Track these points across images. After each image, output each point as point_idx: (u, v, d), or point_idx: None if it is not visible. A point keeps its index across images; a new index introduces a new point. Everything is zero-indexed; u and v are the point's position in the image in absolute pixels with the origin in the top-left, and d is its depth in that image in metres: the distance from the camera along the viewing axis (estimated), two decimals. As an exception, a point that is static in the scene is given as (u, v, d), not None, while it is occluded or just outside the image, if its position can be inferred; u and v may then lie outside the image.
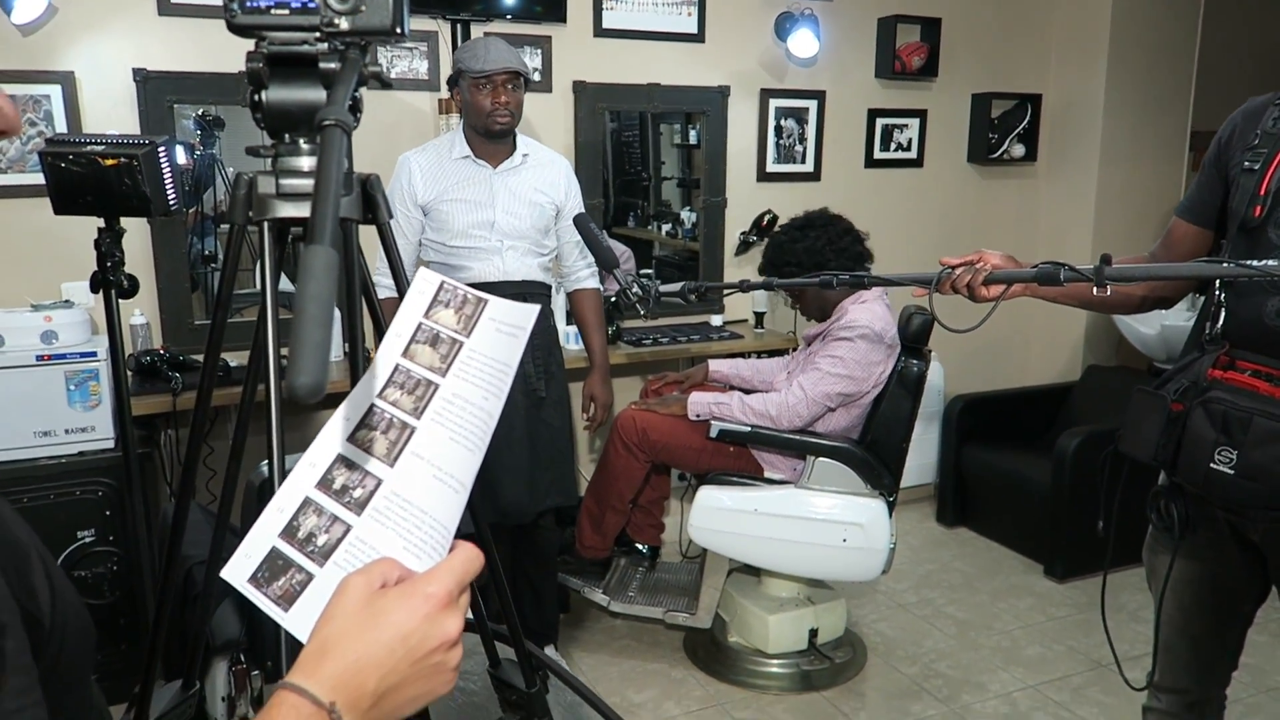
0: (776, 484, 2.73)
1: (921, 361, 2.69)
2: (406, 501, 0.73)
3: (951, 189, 4.15)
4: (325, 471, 0.75)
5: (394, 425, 0.75)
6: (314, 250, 0.72)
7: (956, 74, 4.02)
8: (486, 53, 2.40)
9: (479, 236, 2.49)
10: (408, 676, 0.65)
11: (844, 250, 2.73)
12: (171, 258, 2.95)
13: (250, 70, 0.95)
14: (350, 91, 0.89)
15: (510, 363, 0.80)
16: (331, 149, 0.80)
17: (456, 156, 2.51)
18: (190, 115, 3.01)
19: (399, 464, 0.74)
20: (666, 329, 3.55)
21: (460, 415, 0.76)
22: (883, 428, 2.69)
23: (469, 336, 0.80)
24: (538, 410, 2.57)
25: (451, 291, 0.82)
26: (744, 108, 3.68)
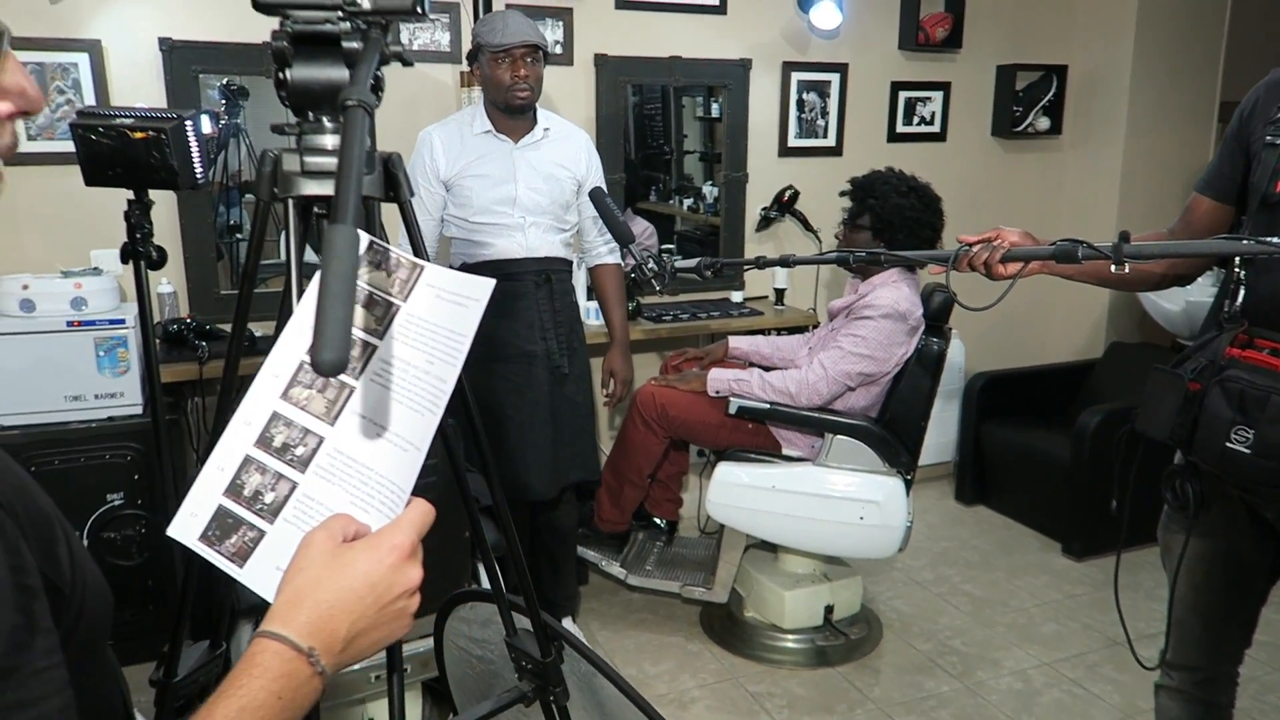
0: (794, 461, 2.74)
1: (942, 340, 2.69)
2: (351, 459, 0.75)
3: (975, 163, 4.12)
4: (263, 429, 0.77)
5: (330, 384, 0.77)
6: (337, 229, 0.75)
7: (981, 45, 3.98)
8: (505, 26, 2.40)
9: (501, 212, 2.50)
10: (375, 621, 0.71)
11: (919, 235, 2.68)
12: (198, 228, 2.99)
13: (274, 49, 0.97)
14: (372, 71, 0.90)
15: (462, 331, 0.81)
16: (354, 129, 0.82)
17: (478, 131, 2.51)
18: (215, 85, 3.04)
19: (339, 422, 0.76)
20: (686, 305, 3.56)
21: (403, 377, 0.77)
22: (902, 406, 2.70)
23: (405, 300, 0.81)
24: (560, 386, 2.59)
25: (381, 253, 0.82)
26: (765, 81, 3.66)
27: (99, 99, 2.79)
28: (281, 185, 0.99)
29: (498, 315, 2.53)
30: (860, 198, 2.72)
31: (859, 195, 2.73)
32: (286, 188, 0.98)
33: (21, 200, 2.79)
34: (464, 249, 2.56)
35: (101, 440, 2.53)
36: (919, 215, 2.68)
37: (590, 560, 2.97)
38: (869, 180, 2.73)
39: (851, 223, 2.73)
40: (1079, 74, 4.13)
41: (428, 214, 2.53)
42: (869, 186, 2.71)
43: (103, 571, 0.74)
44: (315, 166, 0.97)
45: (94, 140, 1.45)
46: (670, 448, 2.92)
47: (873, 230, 2.69)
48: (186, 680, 1.19)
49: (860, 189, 2.73)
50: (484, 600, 1.45)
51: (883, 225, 2.67)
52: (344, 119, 0.83)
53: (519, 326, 2.53)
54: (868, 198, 2.69)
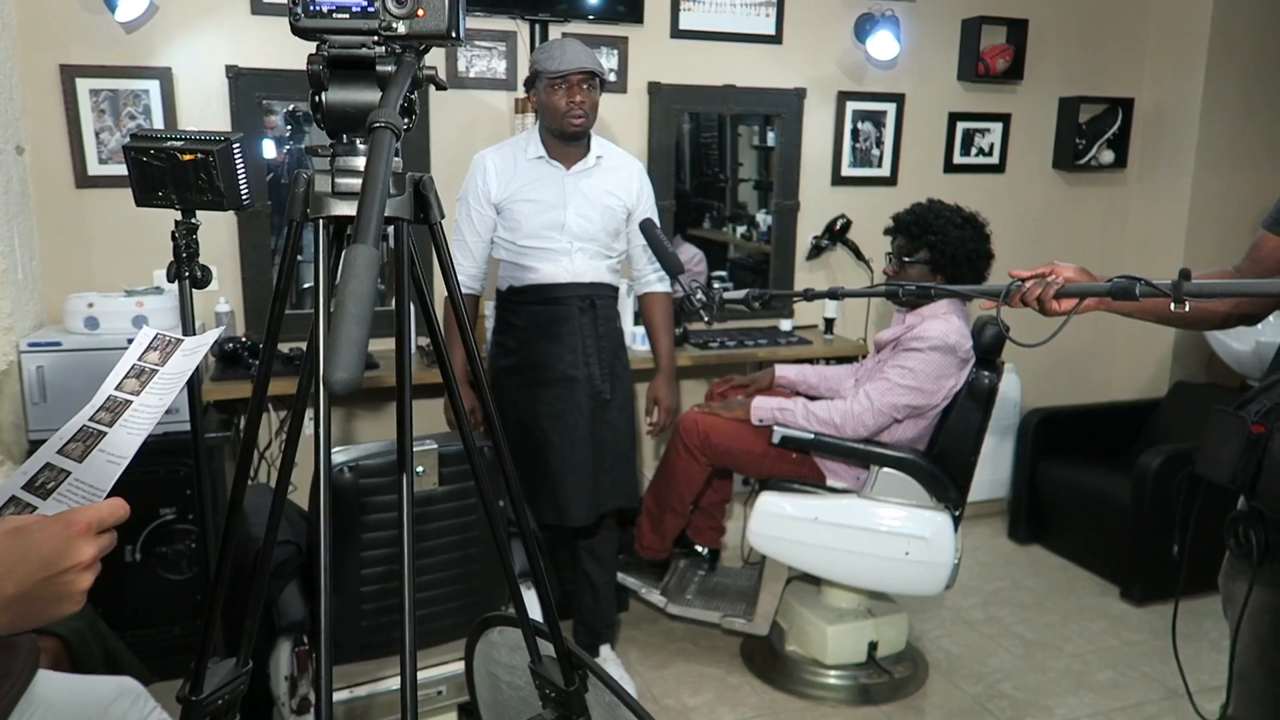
0: (839, 493, 2.69)
1: (994, 374, 2.62)
2: (81, 483, 0.92)
3: (1035, 196, 4.03)
4: (32, 476, 0.94)
5: (92, 435, 0.96)
6: (357, 249, 0.75)
7: (1043, 77, 3.90)
8: (563, 54, 2.42)
9: (549, 237, 2.51)
10: (42, 591, 0.78)
11: (978, 266, 2.65)
12: (256, 248, 3.06)
13: (311, 72, 0.98)
14: (403, 94, 0.91)
15: (183, 370, 1.03)
16: (380, 151, 0.82)
17: (531, 157, 2.53)
18: (280, 110, 3.11)
19: (86, 461, 0.94)
20: (734, 333, 3.53)
21: (137, 414, 0.98)
22: (951, 440, 2.63)
23: (164, 365, 1.04)
24: (602, 412, 2.58)
25: (161, 340, 1.07)
26: (820, 110, 3.63)
27: (167, 124, 2.88)
28: (313, 206, 0.99)
29: (541, 339, 2.53)
30: (915, 234, 2.65)
31: (913, 231, 2.66)
32: (318, 208, 0.99)
33: (92, 221, 2.88)
34: (511, 271, 2.57)
35: (156, 455, 2.58)
36: (977, 247, 2.64)
37: (630, 587, 2.94)
38: (920, 215, 2.68)
39: (904, 260, 2.67)
40: (1146, 107, 4.03)
41: (477, 235, 2.55)
42: (922, 222, 2.66)
43: (154, 586, 0.84)
44: (347, 188, 0.98)
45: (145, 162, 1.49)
46: (713, 475, 2.88)
47: (931, 265, 2.63)
48: (212, 698, 1.19)
49: (913, 225, 2.67)
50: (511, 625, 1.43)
51: (943, 259, 2.62)
52: (370, 140, 0.83)
53: (562, 351, 2.52)
54: (925, 234, 2.63)
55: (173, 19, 2.86)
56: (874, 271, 3.67)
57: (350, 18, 0.96)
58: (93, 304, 2.57)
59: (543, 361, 2.52)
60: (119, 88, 2.83)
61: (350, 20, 0.96)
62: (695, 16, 3.39)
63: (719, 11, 3.43)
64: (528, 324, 2.54)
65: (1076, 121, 3.95)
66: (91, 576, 0.82)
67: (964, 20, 3.74)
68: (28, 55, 2.74)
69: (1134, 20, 3.99)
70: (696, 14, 3.40)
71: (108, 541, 0.84)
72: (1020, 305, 1.59)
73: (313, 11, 0.97)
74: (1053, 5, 3.86)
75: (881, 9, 3.52)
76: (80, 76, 2.79)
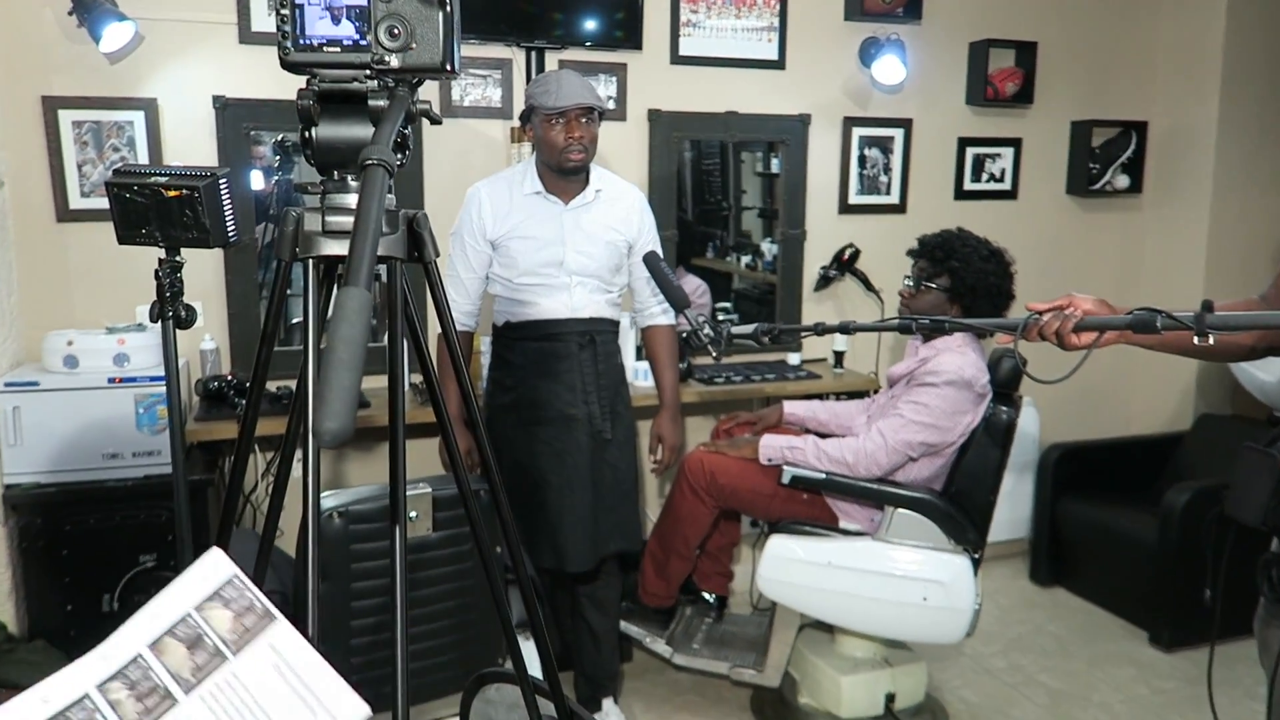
0: (852, 535, 2.67)
1: (1011, 408, 2.61)
2: None
3: (1048, 222, 4.04)
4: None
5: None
6: (348, 292, 0.74)
7: (1054, 100, 3.93)
8: (559, 87, 2.41)
9: (547, 274, 2.51)
10: None
11: (996, 303, 2.65)
12: (242, 284, 3.07)
13: (301, 107, 0.98)
14: (396, 129, 0.91)
15: (259, 700, 0.65)
16: (373, 189, 0.82)
17: (528, 192, 2.52)
18: (269, 141, 3.13)
19: None
20: (740, 367, 3.52)
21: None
22: (968, 478, 2.62)
23: (236, 655, 0.67)
24: (603, 451, 2.56)
25: (239, 590, 0.70)
26: (826, 137, 3.65)
27: (152, 156, 2.90)
28: (302, 245, 0.99)
29: (539, 376, 2.52)
30: (939, 257, 2.66)
31: (936, 255, 2.67)
32: (307, 247, 0.99)
33: (73, 256, 2.89)
34: (507, 307, 2.57)
35: (137, 499, 2.57)
36: (999, 283, 2.64)
37: (634, 636, 2.90)
38: (946, 240, 2.69)
39: (923, 283, 2.68)
40: (1160, 130, 4.05)
41: (472, 270, 2.55)
42: (948, 247, 2.66)
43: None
44: (337, 226, 0.98)
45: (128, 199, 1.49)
46: (720, 517, 2.86)
47: (950, 293, 2.64)
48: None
49: (937, 248, 2.68)
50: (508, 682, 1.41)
51: (963, 289, 2.62)
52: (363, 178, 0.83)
53: (560, 389, 2.51)
54: (949, 259, 2.64)
55: (158, 48, 2.89)
56: (884, 303, 3.67)
57: (341, 51, 0.97)
58: (72, 341, 2.56)
59: (540, 399, 2.51)
60: (102, 119, 2.85)
61: (341, 54, 0.97)
62: (695, 42, 3.43)
63: (720, 37, 3.46)
64: (525, 361, 2.53)
65: (1089, 145, 3.97)
66: None
67: (971, 43, 3.78)
68: (8, 86, 2.76)
69: (1145, 42, 4.03)
70: (697, 39, 3.43)
71: None
72: (1038, 339, 1.59)
73: (303, 45, 0.97)
74: (1061, 27, 3.89)
75: (887, 33, 3.55)
76: (63, 108, 2.81)
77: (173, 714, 0.63)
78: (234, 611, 0.68)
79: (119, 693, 0.63)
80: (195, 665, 0.66)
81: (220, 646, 0.67)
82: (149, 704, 0.63)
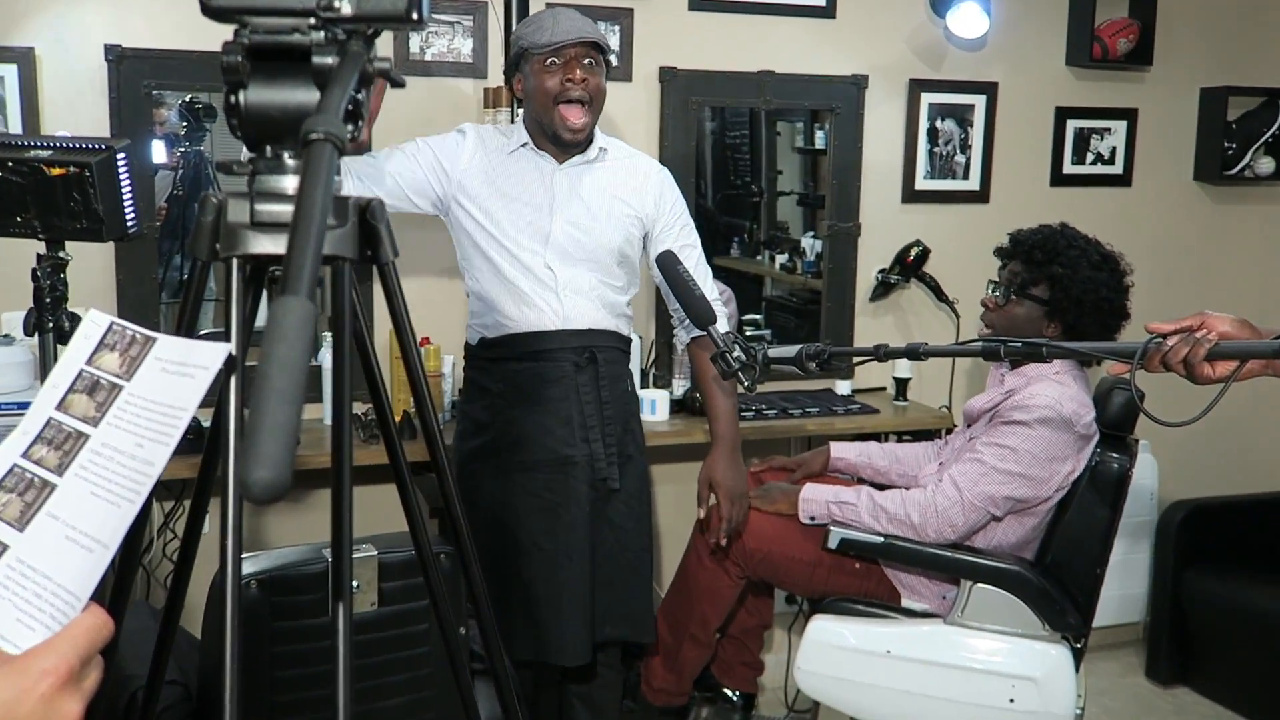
0: (918, 617, 2.67)
1: (1124, 456, 2.62)
2: (31, 569, 0.83)
3: (1171, 217, 4.06)
4: None
5: (33, 485, 0.88)
6: (286, 303, 0.75)
7: (1178, 62, 3.95)
8: (555, 23, 2.44)
9: (528, 249, 2.48)
10: None
11: (1107, 323, 2.67)
12: (138, 284, 3.07)
13: (226, 65, 0.99)
14: (348, 94, 0.92)
15: (181, 405, 0.90)
16: (318, 170, 0.83)
17: (513, 146, 2.54)
18: (174, 103, 3.15)
19: (30, 527, 0.86)
20: (775, 398, 3.53)
21: (107, 466, 0.89)
22: (1068, 544, 2.62)
23: (130, 379, 0.93)
24: (606, 507, 2.55)
25: (119, 333, 0.96)
26: (887, 104, 3.68)
27: (27, 123, 2.91)
28: (225, 240, 1.00)
29: (524, 407, 2.51)
30: (1037, 260, 2.67)
31: (1035, 257, 2.68)
32: (231, 244, 0.99)
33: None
34: (482, 316, 2.56)
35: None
36: (1112, 297, 2.65)
37: (636, 744, 2.90)
38: (1048, 239, 2.70)
39: (1017, 291, 2.68)
40: (1315, 99, 4.07)
41: (411, 162, 2.50)
42: (1050, 247, 2.67)
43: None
44: (270, 216, 0.98)
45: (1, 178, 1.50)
46: (747, 592, 2.86)
47: (1049, 306, 2.65)
48: None
49: (1035, 248, 2.69)
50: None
51: (1066, 303, 2.63)
52: (305, 156, 0.83)
53: (552, 424, 2.50)
54: (1051, 262, 2.65)
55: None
56: (960, 317, 3.67)
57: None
58: (-81, 358, 2.57)
59: (526, 437, 2.50)
60: (-37, 74, 2.87)
61: (279, -3, 0.98)
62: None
63: (753, -24, 3.49)
64: (506, 388, 2.53)
65: (1224, 120, 3.98)
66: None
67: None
68: None
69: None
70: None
71: (94, 682, 0.77)
72: (1160, 369, 1.60)
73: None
74: (1191, -31, 3.93)
75: (966, -27, 3.59)
76: (-87, 60, 2.83)
77: (85, 447, 0.89)
78: (119, 351, 0.94)
79: (40, 451, 0.89)
80: (97, 404, 0.92)
81: (115, 381, 0.93)
82: (66, 448, 0.89)
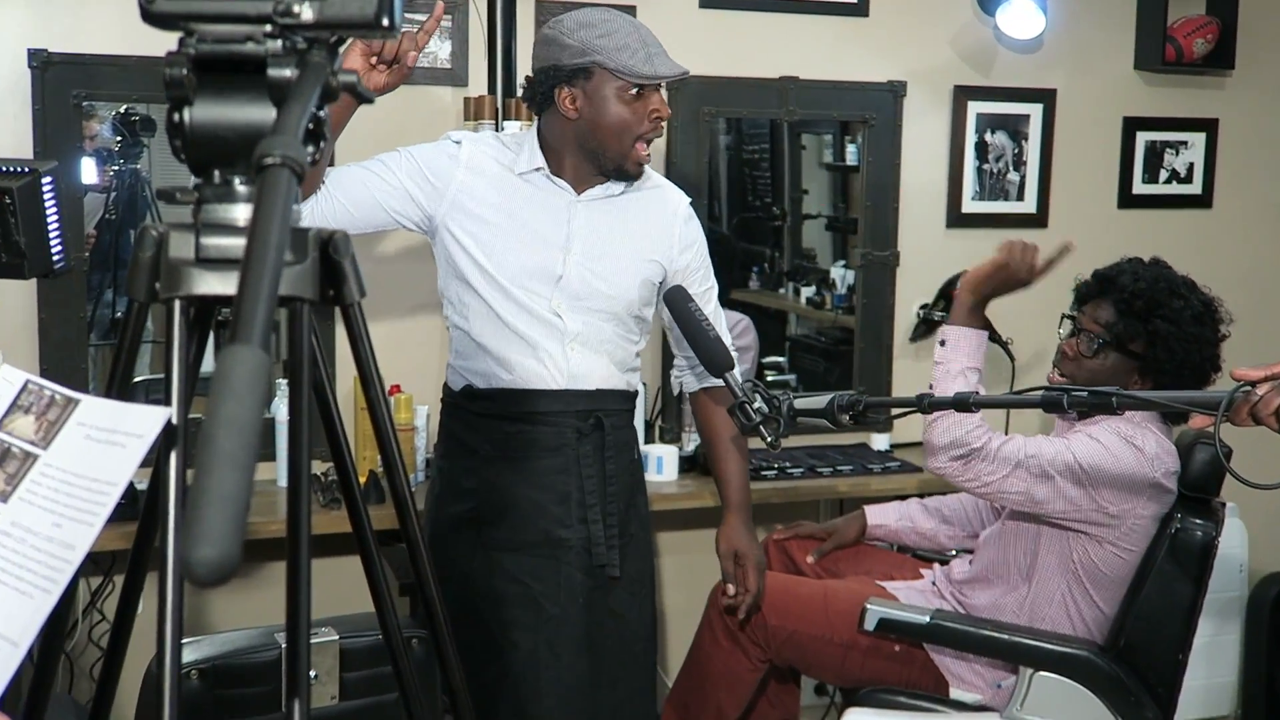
0: (969, 710, 2.66)
1: (1208, 521, 2.61)
2: None
3: (1259, 243, 4.08)
4: None
5: None
6: (235, 354, 0.75)
7: (1265, 65, 3.98)
8: (645, 44, 2.38)
9: (534, 294, 2.46)
10: None
11: (1201, 378, 2.65)
12: (64, 324, 3.08)
13: (170, 78, 1.00)
14: (308, 112, 0.93)
15: (109, 479, 0.92)
16: (273, 199, 0.83)
17: (524, 169, 2.47)
18: (107, 115, 3.18)
19: None
20: (801, 454, 3.53)
21: (17, 550, 0.90)
22: (1145, 625, 2.61)
23: (46, 448, 0.95)
24: (604, 596, 2.52)
25: (36, 394, 0.97)
26: (928, 115, 3.70)
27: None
28: (166, 279, 1.00)
29: (513, 477, 2.47)
30: (1137, 311, 2.61)
31: (1134, 306, 2.62)
32: (173, 283, 1.00)
33: None
34: (469, 360, 2.53)
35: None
36: (1205, 352, 2.63)
37: None
38: (1152, 286, 2.64)
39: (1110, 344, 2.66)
40: None
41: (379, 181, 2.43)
42: (1153, 298, 2.62)
43: None
44: (218, 252, 0.99)
45: (-95, 204, 1.51)
46: (770, 678, 2.85)
47: (1143, 361, 2.63)
48: None
49: (1136, 297, 2.63)
50: None
51: (1167, 363, 2.60)
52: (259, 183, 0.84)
53: (546, 500, 2.47)
54: (1153, 315, 2.61)
55: (-49, -19, 2.95)
56: (1014, 360, 3.67)
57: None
58: None
59: (514, 512, 2.48)
60: None
61: (231, 2, 0.99)
62: (738, -24, 3.50)
63: (774, -32, 3.53)
64: (494, 451, 2.50)
65: (1319, 131, 4.02)
66: None
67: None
68: None
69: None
70: (740, -28, 3.50)
71: None
72: (1250, 422, 1.60)
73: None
74: (1277, -41, 3.97)
75: (1019, -35, 3.62)
76: None
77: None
78: (34, 414, 0.96)
79: None
80: (7, 476, 0.93)
81: (29, 449, 0.95)
82: None
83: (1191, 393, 1.70)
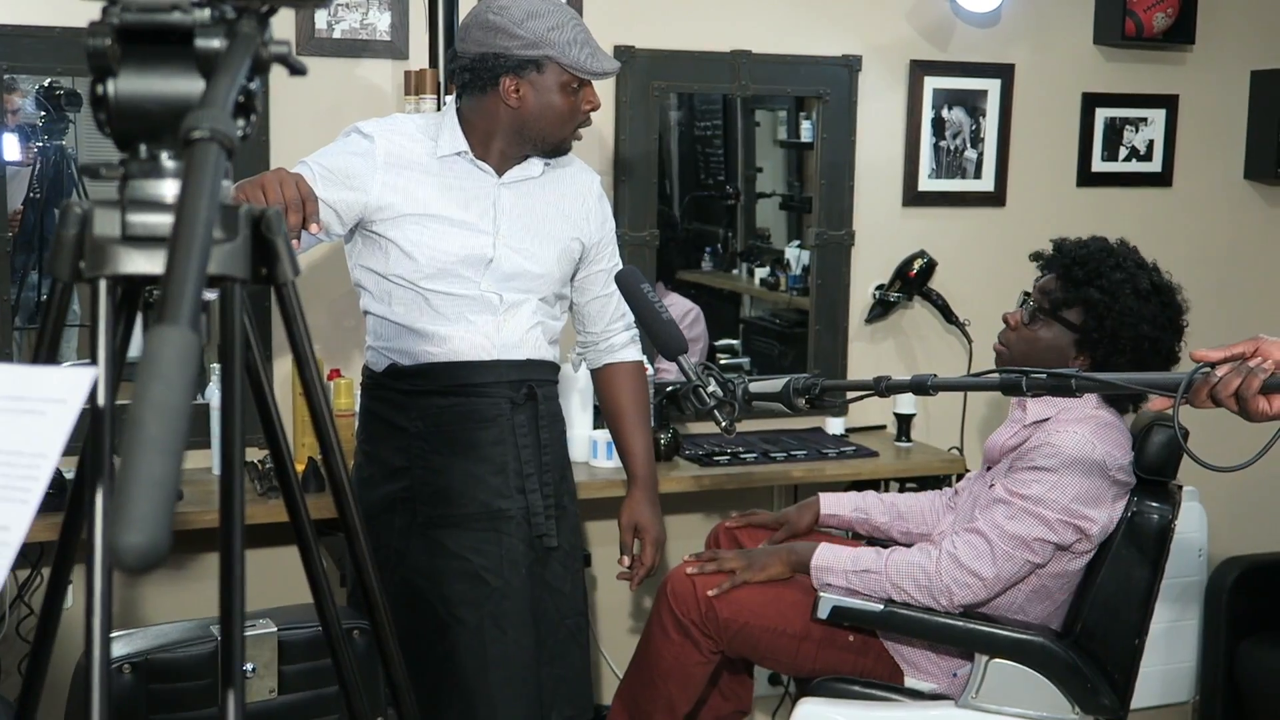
0: (924, 699, 2.68)
1: (1165, 504, 2.64)
2: None
3: (1218, 221, 4.12)
4: None
5: None
6: (163, 335, 0.75)
7: (1224, 41, 4.02)
8: (588, 38, 2.50)
9: (463, 279, 2.49)
10: None
11: (1149, 363, 2.64)
12: (-13, 309, 3.05)
13: (92, 49, 0.99)
14: (238, 84, 0.92)
15: (36, 450, 0.89)
16: (202, 175, 0.83)
17: (445, 152, 2.52)
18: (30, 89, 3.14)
19: None
20: (755, 439, 3.54)
21: None
22: (1102, 611, 2.64)
23: None
24: (542, 569, 2.56)
25: None
26: (884, 90, 3.72)
27: None
28: (91, 258, 0.99)
29: (450, 452, 2.50)
30: (1075, 277, 2.67)
31: (1073, 274, 2.67)
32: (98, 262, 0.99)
33: None
34: (392, 341, 2.54)
35: None
36: (1156, 336, 2.65)
37: None
38: (1094, 255, 2.69)
39: (1046, 310, 2.69)
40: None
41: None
42: (1092, 264, 2.66)
43: None
44: (145, 229, 0.98)
45: None
46: (722, 670, 2.86)
47: (1080, 334, 2.66)
48: None
49: (1076, 263, 2.69)
50: None
51: (1100, 334, 2.64)
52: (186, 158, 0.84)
53: (484, 472, 2.50)
54: (1089, 282, 2.65)
55: None
56: (972, 342, 3.70)
57: (156, -35, 0.98)
58: None
59: (452, 488, 2.50)
60: None
61: (156, -31, 0.98)
62: (688, -54, 3.49)
63: (725, -61, 3.53)
64: (426, 427, 2.52)
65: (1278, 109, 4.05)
66: None
67: (1102, -47, 3.88)
68: None
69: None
70: (690, -57, 3.50)
71: None
72: (1209, 404, 1.62)
73: (96, -45, 0.99)
74: (1237, -69, 4.00)
75: (976, -64, 3.64)
76: None
77: None
78: None
79: None
80: None
81: None
82: None
83: (1151, 374, 1.71)
